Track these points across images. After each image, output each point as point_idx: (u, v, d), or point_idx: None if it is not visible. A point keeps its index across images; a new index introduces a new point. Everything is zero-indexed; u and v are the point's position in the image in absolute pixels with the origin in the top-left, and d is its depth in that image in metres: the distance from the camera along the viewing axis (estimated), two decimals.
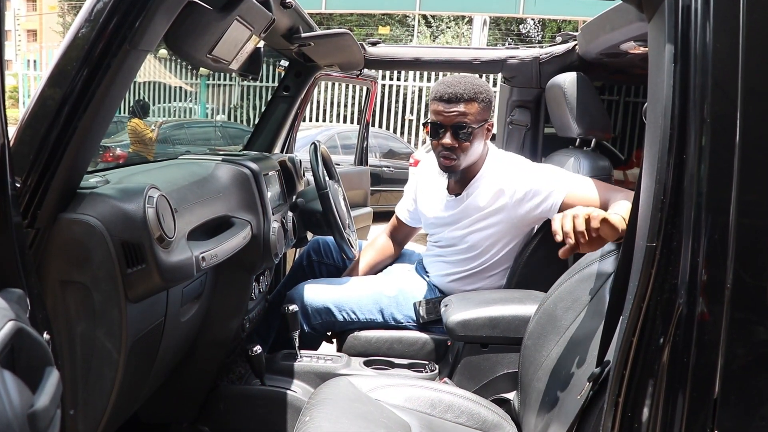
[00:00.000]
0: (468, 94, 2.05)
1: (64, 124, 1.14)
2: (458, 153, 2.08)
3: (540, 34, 19.27)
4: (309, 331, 2.20)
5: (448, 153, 2.09)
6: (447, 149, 2.08)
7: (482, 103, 2.08)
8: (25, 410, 0.66)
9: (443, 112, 2.07)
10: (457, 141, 2.06)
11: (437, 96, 2.09)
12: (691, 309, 0.86)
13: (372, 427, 1.35)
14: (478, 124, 2.07)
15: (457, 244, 2.21)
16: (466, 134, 2.06)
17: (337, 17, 16.31)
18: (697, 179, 0.86)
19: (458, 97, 2.05)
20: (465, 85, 2.06)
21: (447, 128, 2.07)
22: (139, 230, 1.21)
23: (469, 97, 2.05)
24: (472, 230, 2.16)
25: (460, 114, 2.05)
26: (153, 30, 1.19)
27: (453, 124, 2.06)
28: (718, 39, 0.86)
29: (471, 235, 2.17)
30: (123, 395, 1.33)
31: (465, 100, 2.05)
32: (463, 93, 2.04)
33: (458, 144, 2.07)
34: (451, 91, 2.05)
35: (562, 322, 1.44)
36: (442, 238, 2.27)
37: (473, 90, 2.06)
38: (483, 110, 2.09)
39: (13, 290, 0.85)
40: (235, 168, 1.78)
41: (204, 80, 13.28)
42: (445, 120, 2.07)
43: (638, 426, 0.90)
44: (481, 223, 2.14)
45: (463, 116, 2.05)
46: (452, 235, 2.22)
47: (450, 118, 2.06)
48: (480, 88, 2.07)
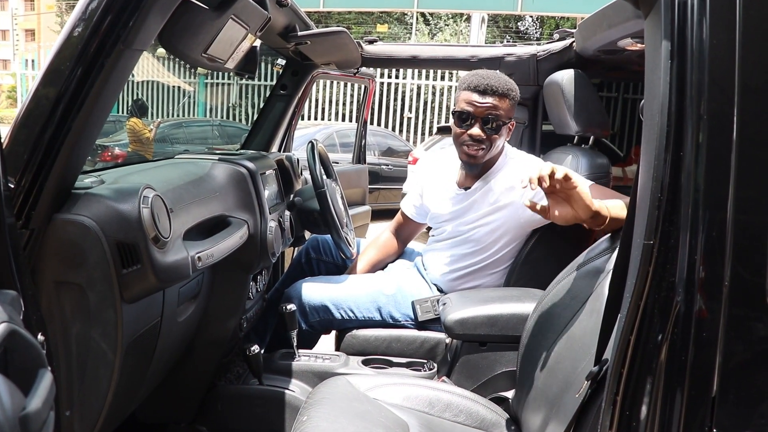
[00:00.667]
0: (502, 88, 2.05)
1: (59, 124, 1.14)
2: (485, 144, 2.08)
3: (538, 31, 19.27)
4: (307, 329, 2.20)
5: (473, 144, 2.08)
6: (474, 140, 2.08)
7: (512, 100, 2.09)
8: (17, 413, 0.66)
9: (475, 102, 2.06)
10: (485, 133, 2.06)
11: (471, 86, 2.08)
12: (689, 306, 0.86)
13: (370, 427, 1.34)
14: (506, 120, 2.08)
15: (460, 239, 2.21)
16: (494, 128, 2.06)
17: (335, 15, 16.30)
18: (695, 176, 0.86)
19: (493, 89, 2.05)
20: (500, 80, 2.07)
21: (477, 119, 2.06)
22: (134, 230, 1.21)
23: (502, 92, 2.05)
24: (477, 225, 2.16)
25: (492, 107, 2.05)
26: (147, 29, 1.19)
27: (484, 116, 2.06)
28: (715, 35, 0.86)
29: (476, 230, 2.16)
30: (119, 396, 1.33)
31: (498, 94, 2.05)
32: (497, 87, 2.05)
33: (486, 136, 2.07)
34: (486, 83, 2.05)
35: (560, 320, 1.43)
36: (445, 232, 2.26)
37: (506, 86, 2.06)
38: (511, 108, 2.10)
39: (7, 292, 0.84)
40: (231, 167, 1.77)
41: (202, 79, 13.27)
42: (476, 111, 2.06)
43: (636, 424, 0.89)
44: (487, 218, 2.14)
45: (494, 109, 2.05)
46: (457, 229, 2.21)
47: (482, 109, 2.05)
48: (512, 86, 2.09)
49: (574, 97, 2.18)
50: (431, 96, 12.77)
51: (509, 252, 2.18)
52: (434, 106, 12.73)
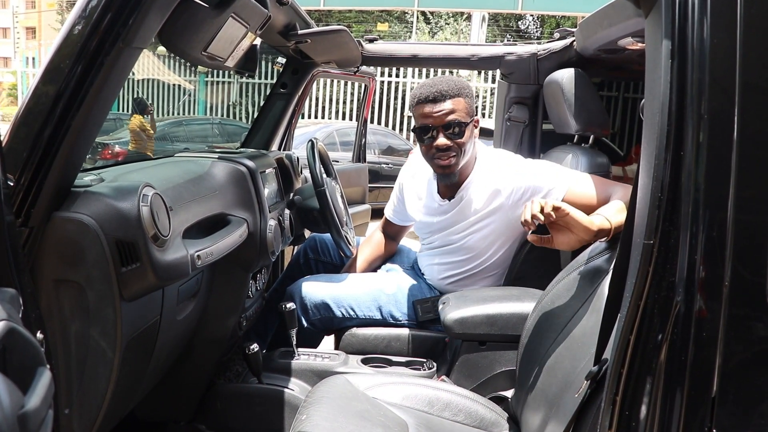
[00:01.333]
0: (452, 90, 1.99)
1: (58, 122, 1.14)
2: (454, 151, 2.01)
3: (539, 30, 19.25)
4: (307, 327, 2.19)
5: (443, 154, 2.02)
6: (442, 150, 2.01)
7: (467, 97, 2.02)
8: (15, 411, 0.65)
9: (431, 113, 2.00)
10: (451, 139, 2.00)
11: (421, 98, 2.01)
12: (689, 306, 0.86)
13: (369, 426, 1.34)
14: (467, 118, 2.02)
15: (453, 247, 2.19)
16: (458, 132, 2.00)
17: (335, 14, 16.29)
18: (695, 176, 0.86)
19: (444, 94, 1.98)
20: (448, 83, 2.00)
21: (438, 129, 2.00)
22: (134, 229, 1.21)
23: (454, 93, 1.99)
24: (468, 233, 2.14)
25: (448, 111, 1.99)
26: (147, 27, 1.19)
27: (444, 123, 1.99)
28: (715, 34, 0.86)
29: (467, 238, 2.14)
30: (118, 394, 1.33)
31: (451, 96, 1.99)
32: (448, 90, 1.99)
33: (453, 142, 2.00)
34: (435, 90, 1.99)
35: (559, 319, 1.43)
36: (436, 241, 2.24)
37: (456, 85, 2.00)
38: (469, 104, 2.03)
39: (6, 290, 0.84)
40: (231, 165, 1.77)
41: (202, 77, 13.26)
42: (435, 121, 2.00)
43: (636, 424, 0.89)
44: (477, 225, 2.11)
45: (451, 113, 1.99)
46: (448, 238, 2.19)
47: (439, 117, 1.99)
48: (461, 83, 2.03)
49: (574, 96, 2.17)
50: None
51: (505, 254, 2.16)
52: None
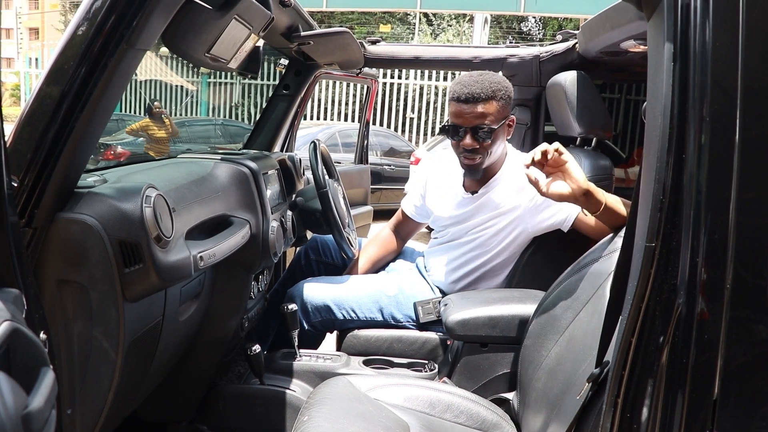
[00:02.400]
0: (486, 93, 1.99)
1: (62, 123, 1.14)
2: (480, 152, 2.04)
3: (541, 32, 19.25)
4: (308, 329, 2.20)
5: (469, 154, 2.05)
6: (468, 150, 2.04)
7: (501, 100, 2.02)
8: (19, 411, 0.66)
9: (462, 113, 2.01)
10: (477, 142, 2.02)
11: (454, 96, 2.03)
12: (691, 309, 0.86)
13: (371, 427, 1.34)
14: (498, 123, 2.02)
15: (464, 242, 2.20)
16: (486, 135, 2.01)
17: (338, 15, 16.31)
18: (697, 178, 0.86)
19: (476, 97, 1.99)
20: (482, 84, 2.00)
21: (467, 129, 2.02)
22: (137, 230, 1.21)
23: (487, 96, 1.99)
24: (482, 228, 2.15)
25: (479, 115, 2.00)
26: (150, 29, 1.19)
27: (473, 126, 2.01)
28: (718, 37, 0.86)
29: (481, 234, 2.15)
30: (121, 394, 1.33)
31: (483, 100, 1.99)
32: (481, 93, 1.99)
33: (479, 145, 2.02)
34: (468, 91, 1.99)
35: (561, 321, 1.43)
36: (449, 234, 2.25)
37: (491, 88, 2.00)
38: (502, 108, 2.04)
39: (9, 290, 0.84)
40: (234, 167, 1.77)
41: (205, 78, 13.29)
42: (464, 122, 2.02)
43: (637, 427, 0.89)
44: (493, 221, 2.13)
45: (482, 117, 2.00)
46: (461, 232, 2.21)
47: (469, 119, 2.01)
48: (498, 85, 2.02)
49: (576, 99, 2.17)
50: (434, 96, 12.77)
51: (512, 255, 2.17)
52: (437, 107, 12.73)
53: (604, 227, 1.79)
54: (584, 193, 1.59)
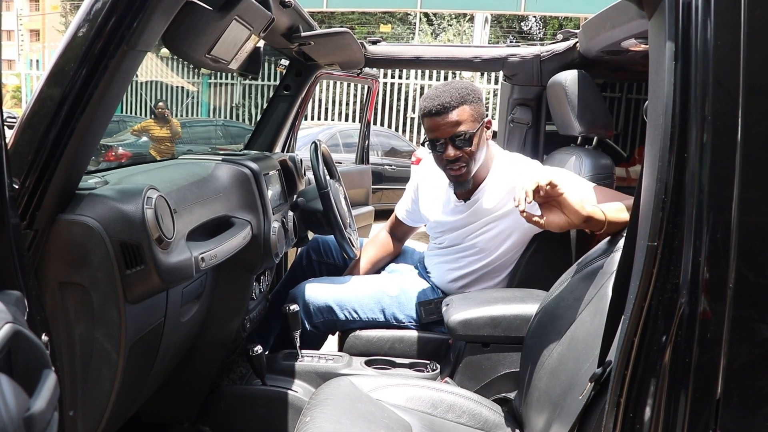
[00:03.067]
0: (455, 100, 1.97)
1: (63, 125, 1.14)
2: (465, 161, 2.01)
3: (542, 31, 19.25)
4: (311, 330, 2.20)
5: (454, 164, 2.02)
6: (453, 161, 2.02)
7: (472, 103, 2.00)
8: (21, 414, 0.66)
9: (437, 126, 1.99)
10: (459, 150, 2.00)
11: (425, 112, 2.01)
12: (693, 308, 0.85)
13: (373, 428, 1.34)
14: (475, 126, 2.00)
15: (462, 247, 2.19)
16: (466, 141, 1.99)
17: (338, 15, 16.32)
18: (699, 177, 0.86)
19: (446, 106, 1.97)
20: (450, 92, 1.99)
21: (446, 141, 2.00)
22: (138, 231, 1.21)
23: (457, 103, 1.97)
24: (479, 233, 2.14)
25: (453, 123, 1.98)
26: (151, 30, 1.19)
27: (450, 136, 1.99)
28: (719, 36, 0.86)
29: (478, 238, 2.15)
30: (123, 396, 1.33)
31: (454, 107, 1.97)
32: (450, 101, 1.97)
33: (462, 152, 2.00)
34: (437, 102, 1.98)
35: (563, 321, 1.43)
36: (447, 240, 2.25)
37: (459, 94, 1.98)
38: (475, 111, 2.01)
39: (11, 292, 0.84)
40: (235, 168, 1.77)
41: (206, 79, 13.29)
42: (441, 133, 1.99)
43: (640, 426, 0.89)
44: (489, 225, 2.12)
45: (457, 125, 1.98)
46: (459, 239, 2.20)
47: (445, 130, 1.98)
48: (465, 90, 2.00)
49: (577, 98, 2.17)
50: None
51: (513, 256, 2.16)
52: None
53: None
54: (585, 220, 1.56)
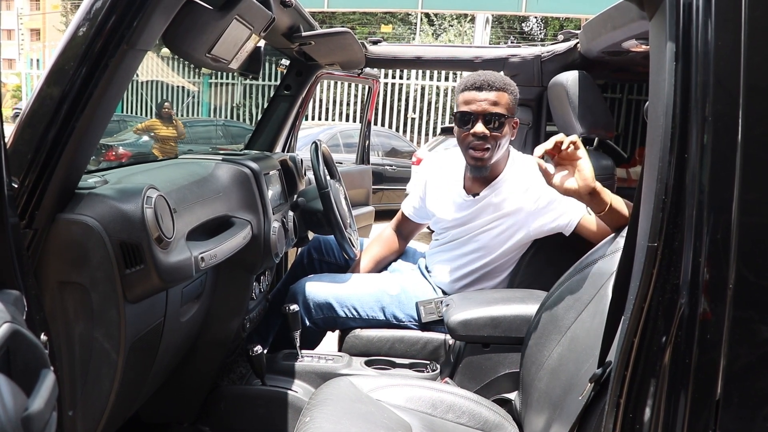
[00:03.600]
0: (498, 83, 2.03)
1: (63, 124, 1.14)
2: (490, 143, 2.03)
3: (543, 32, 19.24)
4: (310, 326, 2.19)
5: (479, 143, 2.03)
6: (479, 138, 2.03)
7: (511, 95, 2.05)
8: (19, 414, 0.66)
9: (474, 99, 2.02)
10: (488, 130, 2.02)
11: (468, 84, 2.05)
12: (693, 309, 0.85)
13: (373, 428, 1.34)
14: (507, 115, 2.04)
15: (465, 244, 2.19)
16: (497, 125, 2.02)
17: (339, 16, 16.32)
18: (699, 178, 0.85)
19: (490, 84, 2.02)
20: (495, 76, 2.05)
21: (478, 116, 2.02)
22: (138, 231, 1.21)
23: (499, 86, 2.03)
24: (484, 230, 2.14)
25: (491, 102, 2.01)
26: (151, 29, 1.19)
27: (485, 113, 2.02)
28: (720, 36, 0.85)
29: (482, 235, 2.15)
30: (122, 396, 1.33)
31: (496, 89, 2.02)
32: (494, 81, 2.02)
33: (489, 133, 2.02)
34: (482, 79, 2.03)
35: (563, 321, 1.43)
36: (449, 235, 2.25)
37: (503, 81, 2.04)
38: (512, 103, 2.06)
39: (10, 292, 0.84)
40: (235, 167, 1.77)
41: (206, 79, 13.30)
42: (476, 108, 2.02)
43: (640, 427, 0.89)
44: (495, 222, 2.12)
45: (494, 105, 2.01)
46: (463, 234, 2.20)
47: (482, 105, 2.02)
48: (509, 81, 2.07)
49: (578, 99, 2.17)
50: (435, 96, 12.77)
51: (513, 257, 2.16)
52: (438, 107, 12.73)
53: (605, 232, 1.78)
54: (590, 191, 1.57)
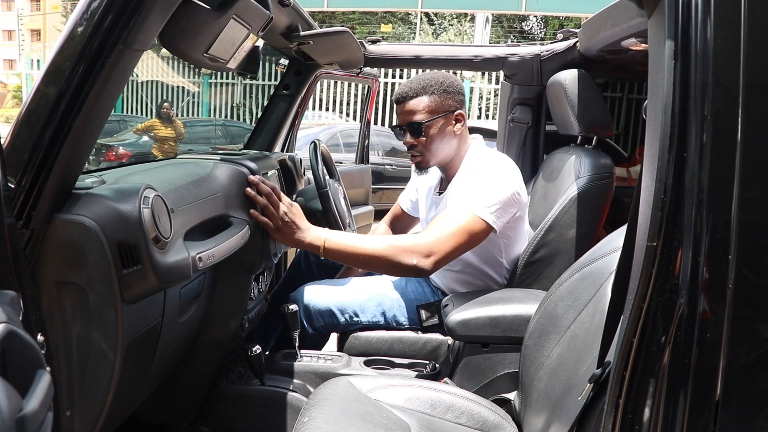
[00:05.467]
0: (414, 90, 2.06)
1: (60, 123, 1.13)
2: (419, 150, 2.09)
3: (542, 31, 19.24)
4: (312, 333, 2.19)
5: (411, 151, 2.12)
6: (410, 148, 2.11)
7: (433, 95, 2.06)
8: (13, 415, 0.65)
9: (398, 113, 2.12)
10: (413, 138, 2.08)
11: (393, 98, 2.14)
12: (693, 309, 0.85)
13: (371, 428, 1.34)
14: (430, 117, 2.06)
15: None
16: (416, 130, 2.06)
17: (339, 15, 16.32)
18: (698, 177, 0.85)
19: (404, 96, 2.08)
20: (414, 82, 2.08)
21: (403, 128, 2.10)
22: (135, 231, 1.20)
23: (415, 93, 2.06)
24: None
25: (409, 112, 2.07)
26: (148, 29, 1.18)
27: (406, 123, 2.08)
28: (719, 35, 0.85)
29: None
30: (120, 396, 1.32)
31: (411, 97, 2.06)
32: (408, 91, 2.07)
33: (416, 141, 2.08)
34: (399, 91, 2.10)
35: (562, 321, 1.42)
36: None
37: (421, 85, 2.07)
38: (436, 102, 2.06)
39: (6, 292, 0.84)
40: (233, 167, 1.77)
41: (206, 79, 13.30)
42: (400, 120, 2.12)
43: (639, 427, 0.88)
44: None
45: (411, 114, 2.07)
46: None
47: (402, 117, 2.10)
48: (430, 81, 2.07)
49: (577, 97, 2.17)
50: None
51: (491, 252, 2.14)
52: None
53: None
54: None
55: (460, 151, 2.14)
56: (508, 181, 1.98)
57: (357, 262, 1.94)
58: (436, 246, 1.86)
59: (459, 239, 1.88)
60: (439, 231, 1.88)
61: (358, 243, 1.86)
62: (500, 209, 1.94)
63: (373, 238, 1.95)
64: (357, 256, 1.86)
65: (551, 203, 2.16)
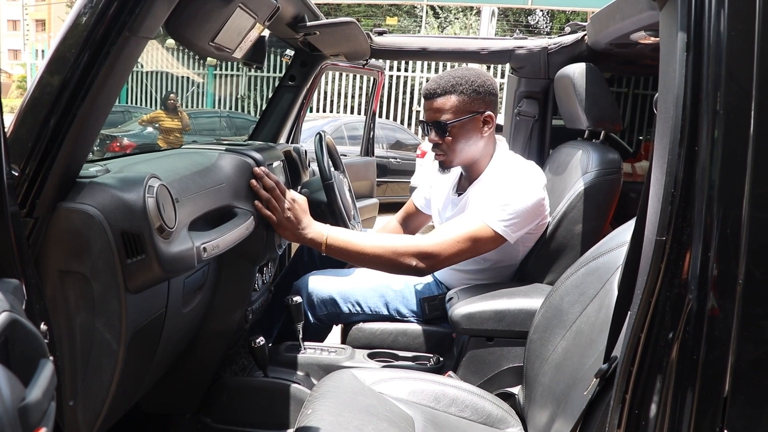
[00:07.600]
0: (443, 87, 2.01)
1: (63, 112, 1.12)
2: (443, 149, 2.05)
3: (549, 25, 19.17)
4: (314, 322, 2.19)
5: (435, 149, 2.08)
6: (434, 146, 2.07)
7: (462, 94, 2.00)
8: (16, 404, 0.65)
9: (426, 109, 2.07)
10: (438, 137, 2.04)
11: (422, 92, 2.09)
12: (702, 304, 0.84)
13: (375, 421, 1.33)
14: (457, 117, 2.00)
15: None
16: (442, 130, 2.02)
17: (344, 8, 16.26)
18: (709, 172, 0.84)
19: (432, 92, 2.02)
20: (444, 79, 2.02)
21: (429, 125, 2.06)
22: (139, 220, 1.20)
23: (444, 91, 2.00)
24: None
25: (436, 110, 2.02)
26: (153, 16, 1.17)
27: (432, 121, 2.04)
28: (733, 26, 0.84)
29: None
30: (123, 386, 1.32)
31: (440, 95, 2.01)
32: (437, 88, 2.01)
33: (440, 140, 2.04)
34: (428, 87, 2.04)
35: (568, 315, 1.42)
36: None
37: (450, 83, 2.01)
38: (464, 102, 2.00)
39: (9, 281, 0.83)
40: (238, 158, 1.76)
41: (211, 70, 13.28)
42: (427, 117, 2.07)
43: (645, 423, 0.88)
44: None
45: (439, 112, 2.02)
46: None
47: (429, 114, 2.05)
48: (461, 79, 2.01)
49: (585, 91, 2.15)
50: None
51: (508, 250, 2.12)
52: None
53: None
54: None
55: (486, 153, 2.10)
56: (531, 191, 1.95)
57: (358, 261, 1.93)
58: (438, 249, 1.86)
59: (462, 246, 1.88)
60: (444, 235, 1.88)
61: (360, 241, 1.86)
62: (517, 221, 1.91)
63: (376, 236, 1.95)
64: (358, 254, 1.86)
65: (558, 198, 2.15)
